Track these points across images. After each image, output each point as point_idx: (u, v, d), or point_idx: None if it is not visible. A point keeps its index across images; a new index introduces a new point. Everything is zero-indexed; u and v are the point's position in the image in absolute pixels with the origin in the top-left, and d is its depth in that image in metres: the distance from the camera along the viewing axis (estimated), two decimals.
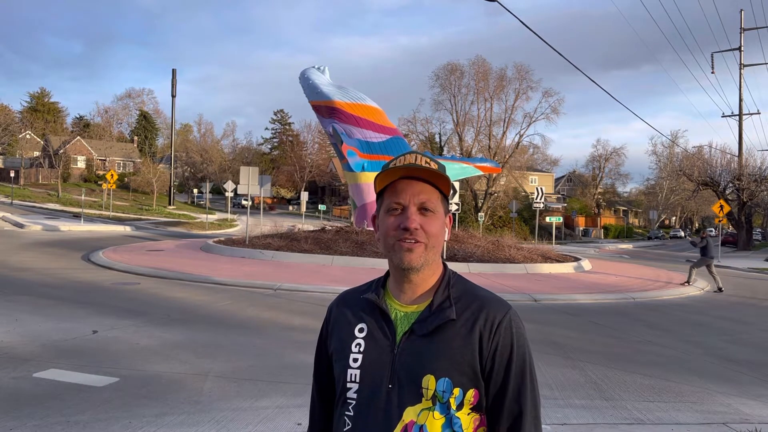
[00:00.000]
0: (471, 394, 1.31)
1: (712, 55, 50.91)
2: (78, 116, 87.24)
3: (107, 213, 39.36)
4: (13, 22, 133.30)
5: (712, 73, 43.95)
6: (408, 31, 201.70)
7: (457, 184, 18.87)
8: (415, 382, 1.30)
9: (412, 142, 55.82)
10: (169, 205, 53.01)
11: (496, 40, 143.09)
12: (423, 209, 1.36)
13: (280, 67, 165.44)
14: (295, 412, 4.85)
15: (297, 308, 10.06)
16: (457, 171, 20.54)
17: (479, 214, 50.63)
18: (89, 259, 15.85)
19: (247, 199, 31.67)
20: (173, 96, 53.55)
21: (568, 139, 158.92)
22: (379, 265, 15.24)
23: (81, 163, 67.67)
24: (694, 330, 9.81)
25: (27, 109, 77.61)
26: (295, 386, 5.55)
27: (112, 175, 33.55)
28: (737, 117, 40.80)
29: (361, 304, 1.43)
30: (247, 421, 4.62)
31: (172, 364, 6.16)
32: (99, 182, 54.40)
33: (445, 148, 59.97)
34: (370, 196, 18.50)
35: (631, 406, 5.43)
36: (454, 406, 1.29)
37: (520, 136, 56.79)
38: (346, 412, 1.36)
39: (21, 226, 26.74)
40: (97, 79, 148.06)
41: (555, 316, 10.52)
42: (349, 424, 1.34)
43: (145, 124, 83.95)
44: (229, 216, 47.23)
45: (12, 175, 51.23)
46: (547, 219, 39.85)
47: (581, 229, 66.82)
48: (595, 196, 73.91)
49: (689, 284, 15.78)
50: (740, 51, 40.18)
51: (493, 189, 55.45)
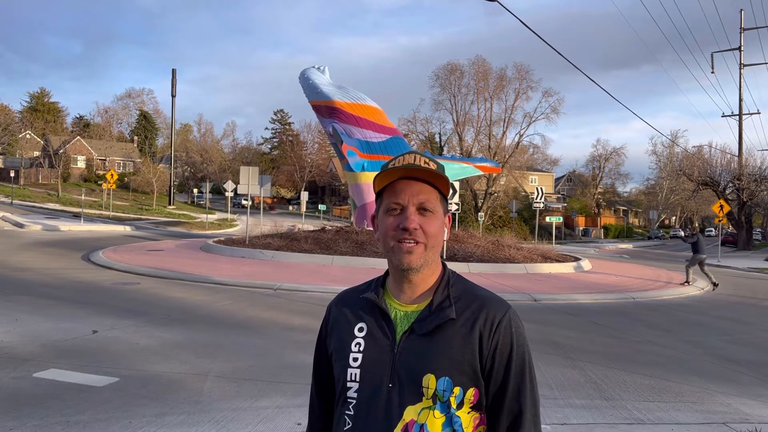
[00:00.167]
0: (471, 393, 1.32)
1: (712, 55, 50.96)
2: (78, 116, 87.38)
3: (107, 213, 39.36)
4: (13, 22, 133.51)
5: (712, 73, 43.98)
6: (408, 31, 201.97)
7: (457, 184, 18.87)
8: (416, 382, 1.30)
9: (412, 142, 55.82)
10: (169, 205, 53.01)
11: (496, 40, 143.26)
12: (422, 209, 1.36)
13: (280, 67, 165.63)
14: (295, 412, 4.85)
15: (297, 308, 10.06)
16: (457, 171, 20.53)
17: (479, 214, 50.61)
18: (89, 259, 15.86)
19: (247, 199, 31.66)
20: (173, 96, 53.59)
21: (568, 139, 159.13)
22: (379, 265, 15.23)
23: (81, 163, 67.69)
24: (694, 330, 9.81)
25: (27, 109, 77.65)
26: (295, 386, 5.55)
27: (112, 175, 33.55)
28: (737, 117, 40.81)
29: (361, 303, 1.43)
30: (247, 421, 4.62)
31: (172, 364, 6.16)
32: (99, 182, 54.40)
33: (445, 148, 59.95)
34: (370, 196, 18.49)
35: (631, 406, 5.43)
36: (454, 405, 1.30)
37: (520, 136, 56.88)
38: (347, 412, 1.36)
39: (21, 226, 26.75)
40: (97, 79, 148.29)
41: (555, 316, 10.52)
42: (349, 424, 1.35)
43: (145, 124, 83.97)
44: (229, 216, 47.22)
45: (12, 174, 51.24)
46: (547, 219, 39.83)
47: (581, 228, 66.82)
48: (595, 196, 73.93)
49: (689, 284, 15.79)
50: (740, 51, 40.18)
51: (493, 189, 55.46)
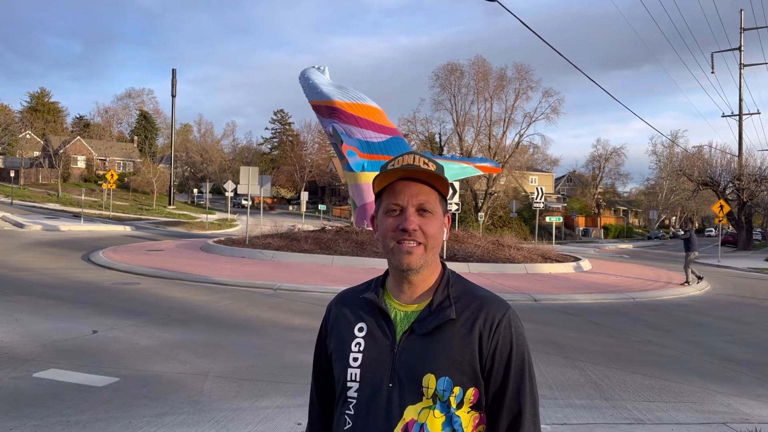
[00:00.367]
0: (471, 392, 1.32)
1: (712, 55, 50.99)
2: (78, 116, 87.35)
3: (107, 213, 39.36)
4: (13, 22, 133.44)
5: (712, 73, 43.98)
6: (408, 31, 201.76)
7: (457, 184, 18.88)
8: (416, 381, 1.31)
9: (412, 142, 55.82)
10: (169, 205, 53.00)
11: (496, 40, 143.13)
12: (421, 210, 1.36)
13: (280, 67, 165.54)
14: (295, 412, 4.85)
15: (297, 308, 10.06)
16: (457, 171, 20.53)
17: (479, 214, 50.61)
18: (89, 259, 15.86)
19: (247, 199, 31.67)
20: (173, 96, 53.58)
21: (568, 139, 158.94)
22: (379, 265, 15.23)
23: (81, 163, 67.67)
24: (694, 330, 9.81)
25: (27, 109, 77.62)
26: (295, 386, 5.55)
27: (112, 175, 33.56)
28: (737, 117, 40.83)
29: (361, 303, 1.44)
30: (247, 421, 4.62)
31: (172, 364, 6.16)
32: (99, 182, 54.39)
33: (445, 148, 59.94)
34: (370, 196, 18.48)
35: (631, 406, 5.43)
36: (454, 405, 1.30)
37: (520, 136, 56.84)
38: (347, 411, 1.36)
39: (21, 226, 26.75)
40: (97, 79, 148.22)
41: (555, 316, 10.52)
42: (349, 423, 1.35)
43: (145, 124, 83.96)
44: (229, 216, 47.22)
45: (12, 175, 51.22)
46: (547, 219, 39.82)
47: (581, 229, 66.80)
48: (595, 196, 73.90)
49: (689, 284, 15.80)
50: (740, 51, 40.19)
51: (493, 189, 55.45)
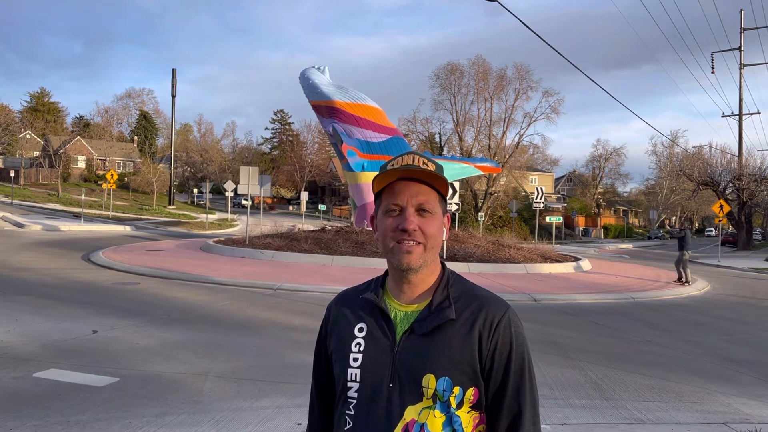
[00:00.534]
0: (471, 392, 1.32)
1: (712, 55, 50.86)
2: (78, 116, 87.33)
3: (107, 213, 39.36)
4: (13, 22, 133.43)
5: (712, 73, 43.93)
6: (408, 31, 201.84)
7: (457, 184, 18.88)
8: (416, 382, 1.31)
9: (412, 142, 55.81)
10: (169, 205, 53.00)
11: (496, 40, 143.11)
12: (421, 210, 1.36)
13: (280, 67, 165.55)
14: (295, 412, 4.85)
15: (297, 308, 10.06)
16: (457, 171, 20.52)
17: (479, 214, 50.60)
18: (89, 259, 15.86)
19: (247, 199, 31.66)
20: (173, 96, 53.59)
21: (568, 139, 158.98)
22: (379, 265, 15.23)
23: (81, 163, 67.66)
24: (694, 330, 9.81)
25: (27, 109, 77.61)
26: (295, 386, 5.55)
27: (112, 175, 33.56)
28: (737, 117, 40.79)
29: (361, 303, 1.44)
30: (247, 421, 4.62)
31: (172, 364, 6.16)
32: (99, 182, 54.39)
33: (445, 148, 59.94)
34: (370, 196, 18.44)
35: (631, 406, 5.43)
36: (454, 405, 1.30)
37: (520, 136, 56.84)
38: (347, 412, 1.36)
39: (21, 225, 26.75)
40: (97, 79, 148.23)
41: (555, 316, 10.52)
42: (349, 423, 1.35)
43: (145, 124, 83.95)
44: (229, 216, 47.22)
45: (12, 174, 51.23)
46: (547, 219, 39.83)
47: (581, 229, 66.80)
48: (595, 196, 73.90)
49: (689, 284, 15.81)
50: (740, 51, 40.16)
51: (493, 189, 55.45)
